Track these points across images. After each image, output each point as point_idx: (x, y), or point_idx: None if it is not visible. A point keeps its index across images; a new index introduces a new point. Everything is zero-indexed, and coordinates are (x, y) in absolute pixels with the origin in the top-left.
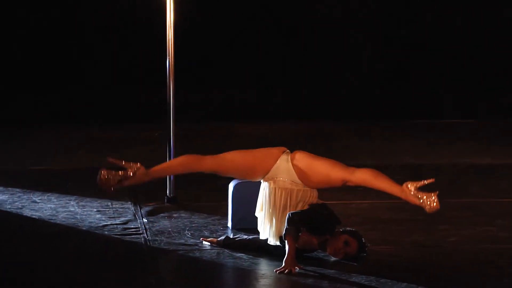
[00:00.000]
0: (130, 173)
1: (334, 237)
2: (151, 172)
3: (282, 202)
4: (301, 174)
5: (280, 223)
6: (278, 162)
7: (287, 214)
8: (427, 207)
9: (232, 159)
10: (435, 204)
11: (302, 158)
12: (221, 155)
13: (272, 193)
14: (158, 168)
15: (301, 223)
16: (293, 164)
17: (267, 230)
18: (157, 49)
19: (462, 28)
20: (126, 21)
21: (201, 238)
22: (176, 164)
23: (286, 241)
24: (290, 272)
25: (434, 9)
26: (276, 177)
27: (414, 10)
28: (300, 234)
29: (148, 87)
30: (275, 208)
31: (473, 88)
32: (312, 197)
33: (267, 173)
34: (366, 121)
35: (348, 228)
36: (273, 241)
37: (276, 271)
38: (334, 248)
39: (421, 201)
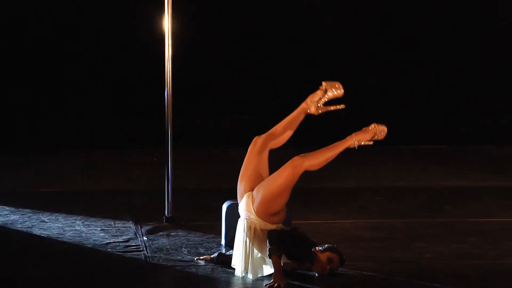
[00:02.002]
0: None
1: (316, 259)
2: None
3: (246, 238)
4: (258, 202)
5: (247, 257)
6: (244, 197)
7: (267, 232)
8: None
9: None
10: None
11: (258, 186)
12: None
13: (240, 229)
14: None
15: (280, 242)
16: (252, 196)
17: (236, 263)
18: (156, 81)
19: (437, 56)
20: (128, 56)
21: (195, 258)
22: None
23: (271, 260)
24: (279, 287)
25: (412, 38)
26: (243, 212)
27: (393, 40)
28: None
29: (148, 116)
30: (240, 244)
31: (448, 115)
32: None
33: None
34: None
35: (326, 245)
36: (239, 273)
37: (266, 286)
38: (320, 268)
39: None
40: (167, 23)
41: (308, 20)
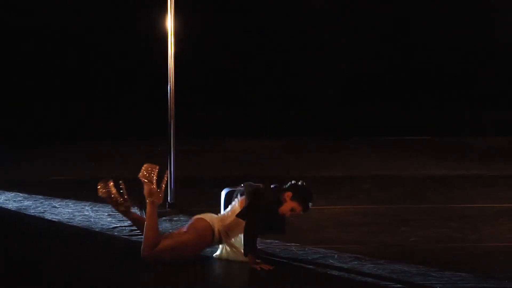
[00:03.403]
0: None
1: (283, 203)
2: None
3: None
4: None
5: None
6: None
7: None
8: None
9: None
10: None
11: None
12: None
13: None
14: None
15: (256, 228)
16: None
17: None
18: (159, 77)
19: (420, 53)
20: (134, 57)
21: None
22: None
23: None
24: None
25: (397, 35)
26: None
27: (383, 38)
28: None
29: (152, 109)
30: None
31: (432, 108)
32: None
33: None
34: (339, 138)
35: (289, 185)
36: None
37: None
38: (284, 213)
39: None
40: (169, 22)
41: (308, 20)
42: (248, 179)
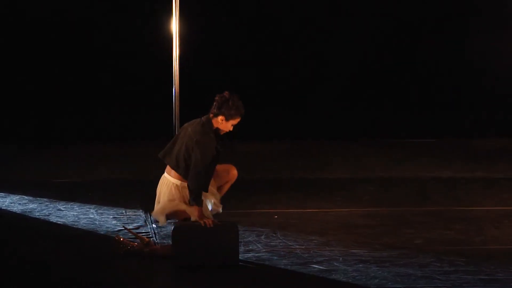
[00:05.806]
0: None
1: (221, 130)
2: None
3: None
4: None
5: None
6: None
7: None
8: None
9: None
10: None
11: None
12: None
13: None
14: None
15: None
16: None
17: None
18: (164, 80)
19: (422, 55)
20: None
21: None
22: None
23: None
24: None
25: (398, 37)
26: None
27: (382, 40)
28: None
29: (157, 111)
30: None
31: (436, 110)
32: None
33: None
34: (343, 140)
35: (216, 109)
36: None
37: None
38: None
39: None
40: (175, 25)
41: (311, 21)
42: (250, 180)
